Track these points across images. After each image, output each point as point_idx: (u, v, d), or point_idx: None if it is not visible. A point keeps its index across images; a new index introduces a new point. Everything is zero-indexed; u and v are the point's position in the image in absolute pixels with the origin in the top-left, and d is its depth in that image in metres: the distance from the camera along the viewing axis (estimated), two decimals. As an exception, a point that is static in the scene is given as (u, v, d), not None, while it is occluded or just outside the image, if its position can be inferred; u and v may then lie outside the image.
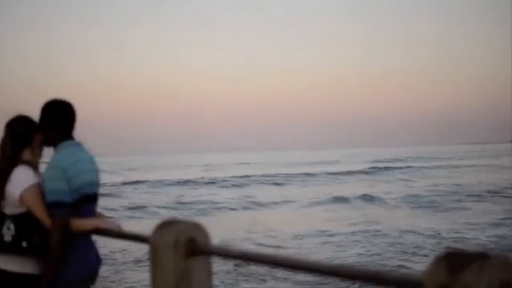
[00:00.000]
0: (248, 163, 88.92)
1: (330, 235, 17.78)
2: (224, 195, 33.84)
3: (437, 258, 1.62)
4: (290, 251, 15.36)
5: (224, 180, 44.90)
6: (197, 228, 2.79)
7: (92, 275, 3.64)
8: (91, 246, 3.64)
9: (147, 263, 2.85)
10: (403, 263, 13.40)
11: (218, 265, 11.35)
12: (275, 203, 29.03)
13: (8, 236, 3.46)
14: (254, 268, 11.77)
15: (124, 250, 14.23)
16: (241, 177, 47.34)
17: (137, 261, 13.56)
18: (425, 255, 14.03)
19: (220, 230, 17.79)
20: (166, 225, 2.79)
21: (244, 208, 27.56)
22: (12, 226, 3.46)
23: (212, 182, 43.69)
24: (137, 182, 43.50)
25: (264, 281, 11.60)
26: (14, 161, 3.56)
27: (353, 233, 17.83)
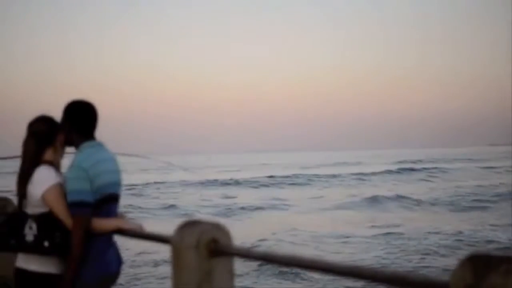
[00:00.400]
0: (269, 164, 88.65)
1: (353, 237, 17.71)
2: (249, 195, 33.72)
3: (464, 260, 1.59)
4: (316, 252, 15.30)
5: (248, 181, 44.86)
6: (219, 228, 2.77)
7: (113, 275, 3.63)
8: (112, 247, 3.63)
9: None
10: (429, 263, 13.34)
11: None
12: (302, 203, 28.80)
13: (30, 235, 3.46)
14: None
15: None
16: (268, 177, 47.27)
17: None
18: (448, 256, 13.94)
19: (246, 231, 17.81)
20: (188, 226, 2.77)
21: (271, 208, 27.29)
22: (34, 226, 3.47)
23: (237, 183, 43.65)
24: (159, 182, 43.58)
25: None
26: (36, 161, 3.57)
27: (386, 234, 17.74)
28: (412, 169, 55.56)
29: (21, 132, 3.69)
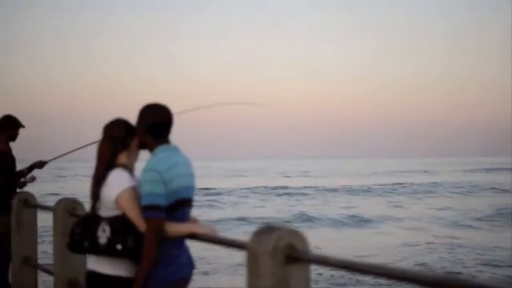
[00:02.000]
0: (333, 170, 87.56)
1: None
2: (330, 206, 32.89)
3: None
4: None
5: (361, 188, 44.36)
6: (296, 234, 2.71)
7: (185, 279, 3.60)
8: (185, 251, 3.60)
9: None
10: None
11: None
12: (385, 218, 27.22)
13: (103, 238, 3.47)
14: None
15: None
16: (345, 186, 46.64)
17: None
18: None
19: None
20: (264, 231, 2.72)
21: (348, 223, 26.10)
22: (107, 229, 3.47)
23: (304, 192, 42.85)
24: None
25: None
26: (110, 164, 3.58)
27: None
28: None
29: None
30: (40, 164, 7.47)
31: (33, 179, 7.31)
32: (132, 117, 3.64)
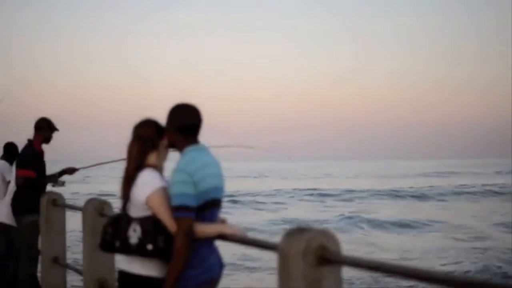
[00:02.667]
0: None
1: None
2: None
3: None
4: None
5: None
6: (328, 235, 2.69)
7: (214, 280, 3.60)
8: (214, 251, 3.60)
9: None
10: None
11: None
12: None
13: (134, 238, 3.48)
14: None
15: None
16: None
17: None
18: None
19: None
20: (295, 232, 2.70)
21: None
22: (138, 229, 3.48)
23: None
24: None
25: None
26: (140, 165, 3.59)
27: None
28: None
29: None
30: (71, 170, 7.63)
31: (63, 183, 7.43)
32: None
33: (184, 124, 3.55)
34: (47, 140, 7.40)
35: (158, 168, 3.63)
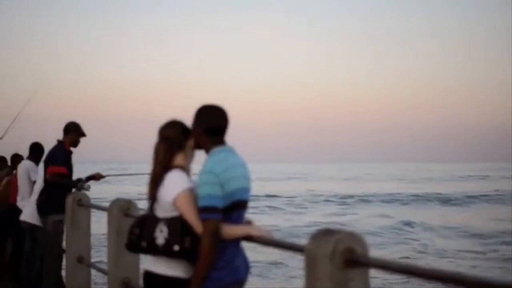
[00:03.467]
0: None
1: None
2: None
3: None
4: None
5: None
6: (356, 238, 2.67)
7: (240, 282, 3.60)
8: (241, 253, 3.60)
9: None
10: None
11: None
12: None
13: (161, 239, 3.49)
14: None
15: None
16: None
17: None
18: None
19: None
20: (323, 234, 2.69)
21: None
22: (165, 229, 3.49)
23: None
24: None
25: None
26: (167, 166, 3.60)
27: None
28: None
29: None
30: (98, 177, 7.75)
31: (89, 187, 7.56)
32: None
33: (211, 126, 3.55)
34: (75, 144, 7.54)
35: (185, 169, 3.63)
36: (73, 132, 7.48)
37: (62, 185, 7.26)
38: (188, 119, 3.67)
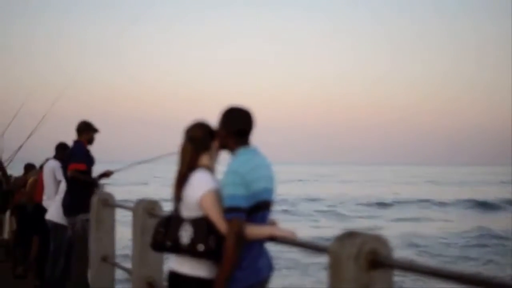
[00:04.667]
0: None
1: None
2: None
3: None
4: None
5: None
6: (380, 240, 2.69)
7: (263, 282, 3.62)
8: (264, 253, 3.62)
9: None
10: None
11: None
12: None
13: (185, 238, 3.51)
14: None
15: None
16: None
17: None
18: None
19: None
20: (348, 236, 2.71)
21: None
22: (190, 229, 3.51)
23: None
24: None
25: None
26: (192, 166, 3.63)
27: None
28: None
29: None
30: (108, 174, 7.85)
31: (103, 186, 7.72)
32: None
33: (238, 127, 3.57)
34: (90, 141, 7.66)
35: (210, 170, 3.66)
36: (87, 129, 7.61)
37: (81, 182, 7.38)
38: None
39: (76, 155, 7.48)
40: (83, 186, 7.39)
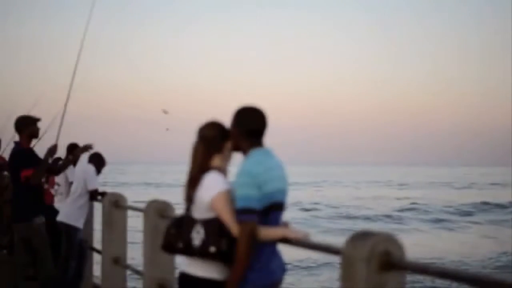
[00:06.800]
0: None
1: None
2: None
3: None
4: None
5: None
6: (393, 241, 2.67)
7: (276, 284, 3.60)
8: (277, 255, 3.60)
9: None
10: None
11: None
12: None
13: (197, 240, 3.50)
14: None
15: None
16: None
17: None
18: None
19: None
20: (360, 237, 2.69)
21: None
22: (201, 231, 3.50)
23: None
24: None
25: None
26: (204, 167, 3.61)
27: None
28: None
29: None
30: (87, 147, 7.76)
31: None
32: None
33: (251, 128, 3.56)
34: (35, 135, 7.00)
35: (223, 171, 3.65)
36: (26, 124, 6.91)
37: (32, 186, 6.79)
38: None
39: (17, 161, 6.84)
40: (36, 189, 6.91)
